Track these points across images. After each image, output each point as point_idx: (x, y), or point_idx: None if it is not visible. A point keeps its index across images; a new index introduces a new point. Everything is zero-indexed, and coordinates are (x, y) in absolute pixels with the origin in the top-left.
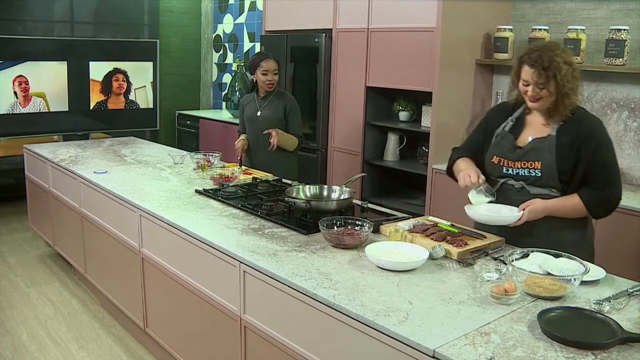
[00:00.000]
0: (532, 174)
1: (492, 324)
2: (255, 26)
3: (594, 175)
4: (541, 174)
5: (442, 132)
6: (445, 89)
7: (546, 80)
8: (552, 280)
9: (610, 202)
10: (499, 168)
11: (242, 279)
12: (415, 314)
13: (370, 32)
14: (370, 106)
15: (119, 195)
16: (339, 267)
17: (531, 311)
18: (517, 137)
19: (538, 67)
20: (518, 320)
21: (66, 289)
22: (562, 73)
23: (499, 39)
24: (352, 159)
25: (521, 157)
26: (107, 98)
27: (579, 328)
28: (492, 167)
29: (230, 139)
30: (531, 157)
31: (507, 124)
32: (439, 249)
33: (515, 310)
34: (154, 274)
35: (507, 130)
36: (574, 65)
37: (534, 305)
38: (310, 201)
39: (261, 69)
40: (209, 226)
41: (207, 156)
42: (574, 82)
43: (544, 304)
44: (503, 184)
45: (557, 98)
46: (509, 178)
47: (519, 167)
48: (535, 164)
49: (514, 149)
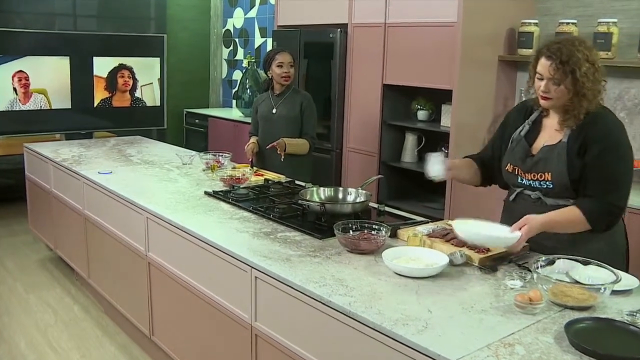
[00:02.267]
0: (544, 185)
1: (516, 335)
2: (267, 21)
3: (593, 181)
4: (553, 186)
5: (463, 132)
6: (466, 87)
7: (563, 75)
8: (580, 289)
9: (612, 213)
10: (513, 177)
11: (254, 285)
12: (435, 323)
13: (388, 27)
14: (388, 105)
15: (125, 197)
16: (355, 273)
17: (558, 322)
18: (532, 143)
19: (556, 60)
20: (544, 331)
21: (68, 295)
22: (581, 70)
23: (523, 33)
24: (368, 160)
25: (531, 167)
26: (111, 95)
27: (611, 341)
28: (507, 176)
29: (240, 138)
30: (540, 167)
31: (523, 127)
32: (460, 254)
33: (541, 320)
34: (161, 280)
35: (522, 134)
36: (597, 65)
37: (560, 315)
38: (324, 204)
39: (276, 61)
40: (218, 230)
41: (217, 156)
42: (595, 84)
43: (572, 314)
44: (520, 193)
45: (573, 98)
46: (525, 188)
47: (530, 178)
48: (545, 175)
49: (525, 157)
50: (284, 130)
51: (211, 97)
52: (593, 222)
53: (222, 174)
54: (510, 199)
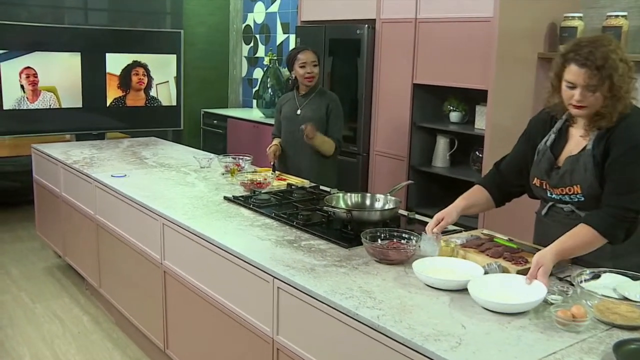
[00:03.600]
0: (574, 199)
1: (558, 354)
2: (290, 16)
3: (609, 184)
4: (584, 198)
5: (499, 135)
6: (503, 87)
7: (600, 82)
8: (629, 306)
9: (625, 219)
10: (542, 191)
11: (276, 296)
12: (469, 339)
13: (419, 22)
14: (418, 106)
15: (139, 202)
16: (384, 285)
17: (605, 341)
18: (557, 154)
19: (591, 66)
20: (589, 352)
21: (77, 305)
22: (618, 73)
23: (565, 28)
24: (396, 165)
25: (558, 182)
26: (125, 94)
27: None
28: (536, 190)
29: (261, 140)
30: (567, 181)
31: (549, 137)
32: (496, 266)
33: (586, 339)
34: (177, 289)
35: (548, 145)
36: (629, 63)
37: (608, 334)
38: (351, 211)
39: (299, 61)
40: (239, 237)
41: (237, 160)
42: (629, 83)
43: (620, 333)
44: (552, 206)
45: (607, 102)
46: (556, 202)
47: (558, 193)
48: (575, 189)
49: (551, 169)
50: None
51: (230, 97)
52: (608, 235)
53: (242, 178)
54: (542, 213)
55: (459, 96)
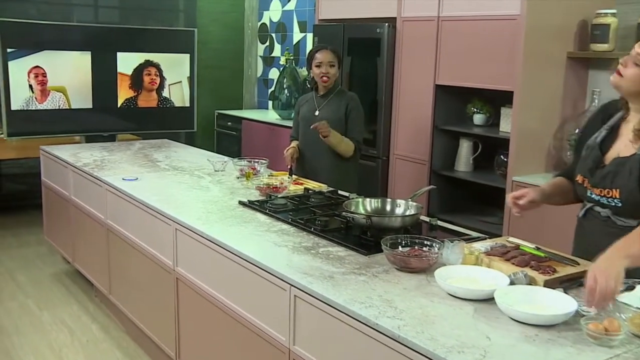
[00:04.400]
0: (612, 203)
1: None
2: (307, 14)
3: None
4: (622, 204)
5: (525, 138)
6: (530, 88)
7: None
8: None
9: None
10: (583, 189)
11: (293, 304)
12: (494, 351)
13: (441, 21)
14: (440, 108)
15: (151, 206)
16: (405, 294)
17: None
18: (605, 152)
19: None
20: None
21: (85, 313)
22: None
23: (598, 26)
24: (417, 169)
25: (598, 182)
26: (137, 94)
27: None
28: (578, 187)
29: (277, 143)
30: (608, 183)
31: (600, 132)
32: (522, 275)
33: (620, 355)
34: (190, 297)
35: (598, 141)
36: None
37: None
38: (371, 217)
39: (315, 60)
40: (254, 243)
41: (253, 163)
42: None
43: None
44: (590, 209)
45: None
46: (595, 204)
47: (597, 193)
48: (613, 192)
49: (595, 167)
50: None
51: (245, 98)
52: None
53: (258, 182)
54: (579, 215)
55: (483, 98)
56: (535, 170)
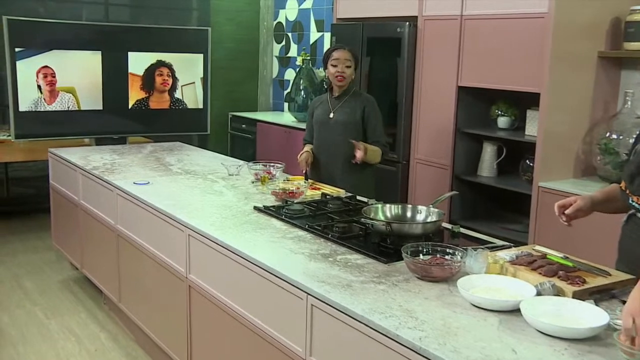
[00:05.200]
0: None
1: None
2: (325, 13)
3: None
4: None
5: (552, 142)
6: (558, 89)
7: None
8: None
9: None
10: (625, 196)
11: (309, 314)
12: None
13: (465, 19)
14: (463, 110)
15: (164, 211)
16: (426, 304)
17: None
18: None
19: None
20: None
21: (94, 321)
22: None
23: (632, 23)
24: (439, 174)
25: (636, 189)
26: (148, 96)
27: None
28: (621, 194)
29: (293, 146)
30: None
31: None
32: (549, 286)
33: None
34: (203, 305)
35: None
36: None
37: None
38: (391, 223)
39: (331, 59)
40: (270, 250)
41: (268, 167)
42: None
43: None
44: (632, 215)
45: None
46: (637, 210)
47: (636, 201)
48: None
49: (637, 174)
50: (342, 137)
51: (260, 99)
52: None
53: (273, 187)
54: (622, 221)
55: (508, 100)
56: (562, 175)
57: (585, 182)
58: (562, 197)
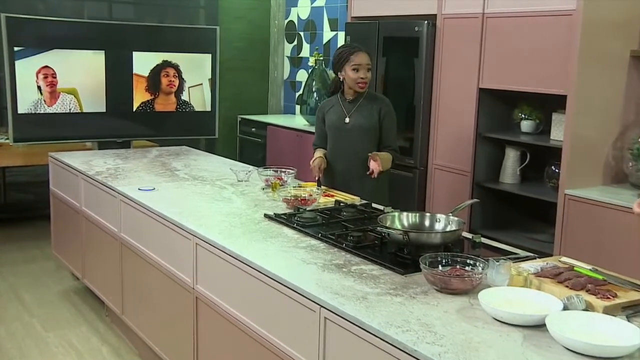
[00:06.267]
0: None
1: None
2: (339, 11)
3: None
4: None
5: (580, 147)
6: (586, 91)
7: None
8: None
9: None
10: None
11: (322, 327)
12: None
13: (487, 18)
14: (484, 113)
15: (169, 219)
16: (446, 318)
17: None
18: None
19: None
20: None
21: (95, 334)
22: None
23: None
24: (459, 180)
25: None
26: (154, 98)
27: None
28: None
29: (305, 151)
30: None
31: None
32: (578, 300)
33: None
34: (210, 318)
35: None
36: None
37: None
38: (408, 232)
39: (351, 63)
40: (281, 260)
41: (279, 173)
42: None
43: None
44: None
45: None
46: None
47: None
48: None
49: None
50: (359, 142)
51: (270, 102)
52: None
53: (285, 194)
54: None
55: (532, 102)
56: (591, 183)
57: (615, 189)
58: (590, 205)
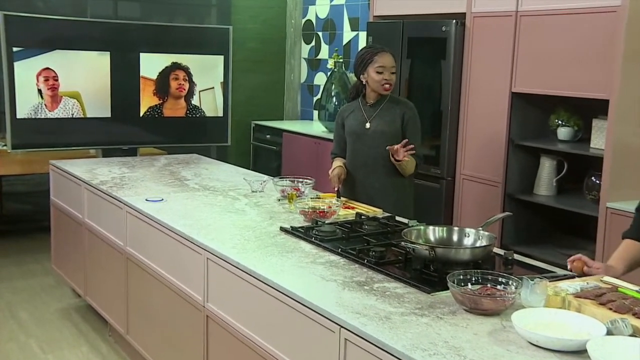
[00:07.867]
0: None
1: None
2: (360, 9)
3: None
4: None
5: (622, 156)
6: (630, 95)
7: None
8: None
9: None
10: None
11: (343, 349)
12: None
13: (520, 16)
14: (517, 120)
15: (179, 232)
16: (476, 341)
17: None
18: None
19: None
20: None
21: (97, 355)
22: None
23: None
24: (489, 192)
25: None
26: (162, 102)
27: None
28: None
29: (323, 159)
30: None
31: None
32: (623, 324)
33: None
34: (222, 338)
35: None
36: None
37: None
38: (435, 248)
39: (375, 65)
40: (298, 277)
41: (296, 183)
42: None
43: None
44: None
45: None
46: None
47: None
48: None
49: None
50: (381, 149)
51: (286, 107)
52: None
53: (302, 206)
54: None
55: (570, 108)
56: (635, 195)
57: None
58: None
